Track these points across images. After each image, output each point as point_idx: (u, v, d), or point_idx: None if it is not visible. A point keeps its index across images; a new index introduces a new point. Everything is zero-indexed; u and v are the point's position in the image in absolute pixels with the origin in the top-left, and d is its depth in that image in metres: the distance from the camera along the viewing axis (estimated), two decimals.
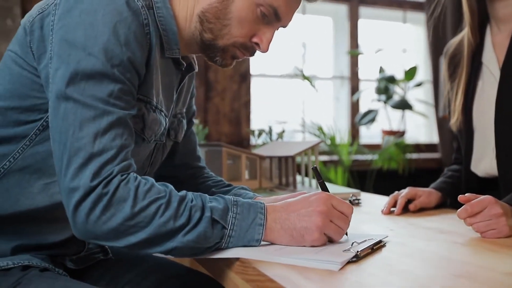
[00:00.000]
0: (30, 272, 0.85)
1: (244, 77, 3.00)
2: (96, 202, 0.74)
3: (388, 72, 3.15)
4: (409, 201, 1.20)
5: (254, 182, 1.45)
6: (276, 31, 0.96)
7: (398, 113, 3.21)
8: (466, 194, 0.94)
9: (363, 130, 3.34)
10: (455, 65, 1.36)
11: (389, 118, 3.15)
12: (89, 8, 0.80)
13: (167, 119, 0.97)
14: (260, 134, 1.63)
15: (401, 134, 3.14)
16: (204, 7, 0.92)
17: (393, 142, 2.84)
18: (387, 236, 0.90)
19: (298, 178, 1.59)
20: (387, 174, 2.97)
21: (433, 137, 3.50)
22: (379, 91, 3.13)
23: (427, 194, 1.22)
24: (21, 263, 0.85)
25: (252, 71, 3.02)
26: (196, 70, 1.07)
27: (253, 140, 2.10)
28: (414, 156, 3.12)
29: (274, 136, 1.77)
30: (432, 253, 0.81)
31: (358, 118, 3.07)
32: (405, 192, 1.20)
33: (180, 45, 0.95)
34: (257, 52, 0.97)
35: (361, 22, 3.33)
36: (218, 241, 0.79)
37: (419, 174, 3.10)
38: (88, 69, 0.78)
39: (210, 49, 0.94)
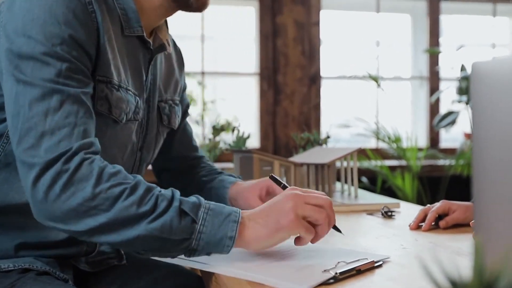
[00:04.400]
0: (27, 275, 0.86)
1: (314, 80, 2.94)
2: (55, 178, 0.73)
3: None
4: (440, 216, 1.09)
5: None
6: None
7: None
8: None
9: (444, 134, 3.12)
10: None
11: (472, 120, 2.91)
12: None
13: (137, 98, 0.96)
14: (301, 139, 1.58)
15: None
16: None
17: (471, 146, 2.61)
18: (388, 257, 0.82)
19: (338, 185, 1.51)
20: (466, 181, 2.74)
21: None
22: (461, 91, 2.90)
23: (463, 209, 1.09)
24: (21, 266, 0.87)
25: (322, 73, 2.95)
26: (169, 51, 1.05)
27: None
28: None
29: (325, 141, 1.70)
30: None
31: (436, 121, 2.88)
32: (436, 206, 1.09)
33: (146, 22, 0.95)
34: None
35: (442, 18, 3.12)
36: (187, 237, 0.74)
37: None
38: (30, 51, 0.78)
39: None
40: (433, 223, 1.07)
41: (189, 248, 0.76)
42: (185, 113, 1.19)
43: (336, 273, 0.70)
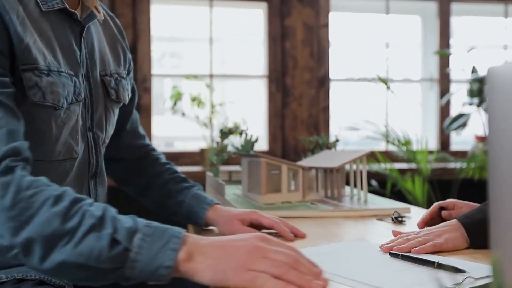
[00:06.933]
0: (22, 286, 0.83)
1: (323, 82, 2.92)
2: None
3: (483, 73, 2.88)
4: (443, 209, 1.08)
5: (297, 194, 1.39)
6: None
7: None
8: None
9: (455, 137, 3.08)
10: None
11: (484, 123, 2.88)
12: None
13: (74, 78, 0.90)
14: (310, 142, 1.56)
15: None
16: None
17: (482, 149, 2.58)
18: None
19: (348, 190, 1.49)
20: (477, 184, 2.70)
21: None
22: (472, 93, 2.87)
23: (470, 207, 1.05)
24: (15, 276, 0.84)
25: (331, 75, 2.93)
26: (101, 17, 0.98)
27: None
28: None
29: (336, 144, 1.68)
30: None
31: (446, 123, 2.84)
32: (442, 201, 1.08)
33: None
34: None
35: (453, 20, 3.08)
36: (119, 266, 0.65)
37: None
38: None
39: None
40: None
41: (123, 276, 0.67)
42: (133, 93, 1.12)
43: None
